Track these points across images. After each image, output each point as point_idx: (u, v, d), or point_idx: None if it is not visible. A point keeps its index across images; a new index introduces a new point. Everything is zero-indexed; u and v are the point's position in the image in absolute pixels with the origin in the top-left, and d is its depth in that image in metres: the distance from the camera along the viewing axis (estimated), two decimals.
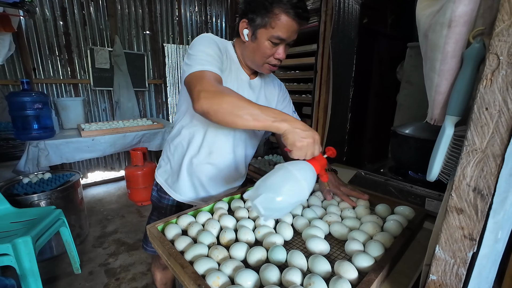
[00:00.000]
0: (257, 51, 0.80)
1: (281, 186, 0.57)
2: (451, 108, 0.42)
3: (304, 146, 0.62)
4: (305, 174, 0.59)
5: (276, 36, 0.75)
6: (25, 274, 1.29)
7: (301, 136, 0.62)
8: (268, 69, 0.85)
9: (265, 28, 0.75)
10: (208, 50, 0.75)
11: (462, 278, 0.42)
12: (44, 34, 2.78)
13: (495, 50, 0.35)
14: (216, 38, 0.83)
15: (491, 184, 0.38)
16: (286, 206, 0.59)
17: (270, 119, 0.63)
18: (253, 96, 0.92)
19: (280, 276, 0.56)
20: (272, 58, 0.81)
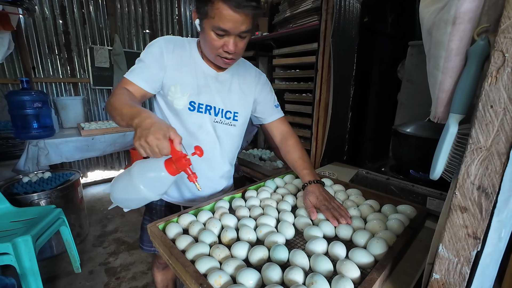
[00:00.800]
0: (206, 42, 0.77)
1: (118, 182, 0.68)
2: (455, 106, 0.42)
3: (141, 145, 0.59)
4: (143, 172, 0.64)
5: (217, 27, 0.70)
6: (25, 273, 1.28)
7: (139, 134, 0.59)
8: (222, 62, 0.80)
9: (207, 18, 0.71)
10: (145, 61, 0.80)
11: (465, 277, 0.42)
12: (43, 33, 2.77)
13: (501, 47, 0.35)
14: (170, 39, 0.83)
15: (495, 182, 0.37)
16: (129, 200, 0.68)
17: (129, 117, 0.64)
18: (224, 89, 0.89)
19: (282, 275, 0.56)
20: (221, 50, 0.76)
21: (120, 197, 0.68)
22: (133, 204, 0.70)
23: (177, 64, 0.83)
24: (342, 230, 0.71)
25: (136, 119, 0.61)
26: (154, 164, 0.64)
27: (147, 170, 0.64)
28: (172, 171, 0.63)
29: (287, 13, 2.29)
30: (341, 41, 1.47)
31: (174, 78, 0.83)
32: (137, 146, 0.59)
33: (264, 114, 0.99)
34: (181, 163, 0.61)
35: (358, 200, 0.88)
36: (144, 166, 0.64)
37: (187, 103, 0.85)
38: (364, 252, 0.61)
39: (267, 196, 0.90)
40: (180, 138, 0.61)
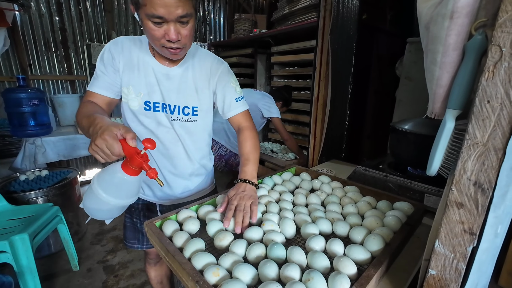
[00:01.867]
0: (147, 35, 0.73)
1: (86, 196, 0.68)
2: (452, 101, 0.42)
3: (93, 150, 0.59)
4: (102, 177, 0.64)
5: (151, 15, 0.65)
6: (23, 271, 1.28)
7: (91, 140, 0.60)
8: (168, 53, 0.75)
9: (140, 8, 0.67)
10: (97, 71, 0.83)
11: (461, 272, 0.42)
12: (39, 30, 2.74)
13: (498, 42, 0.34)
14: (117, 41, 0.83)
15: (492, 178, 0.37)
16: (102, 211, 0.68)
17: (86, 128, 0.66)
18: (177, 85, 0.86)
19: (279, 272, 0.55)
20: (164, 40, 0.71)
21: (93, 210, 0.68)
22: (109, 214, 0.69)
23: (127, 65, 0.82)
24: (339, 227, 0.71)
25: (90, 128, 0.62)
26: (112, 169, 0.62)
27: (107, 177, 0.63)
28: (131, 172, 0.61)
29: (286, 10, 2.28)
30: (339, 38, 1.46)
31: (126, 79, 0.83)
32: (91, 151, 0.59)
33: (222, 108, 0.93)
34: (135, 160, 0.59)
35: (356, 197, 0.88)
36: (103, 174, 0.64)
37: (142, 103, 0.85)
38: (361, 249, 0.61)
39: (265, 193, 0.89)
40: (133, 134, 0.59)
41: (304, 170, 1.11)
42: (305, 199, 0.88)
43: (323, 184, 0.97)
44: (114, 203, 0.63)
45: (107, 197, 0.62)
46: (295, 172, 1.13)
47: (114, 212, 0.69)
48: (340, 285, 0.50)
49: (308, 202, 0.87)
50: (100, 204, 0.65)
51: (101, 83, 0.82)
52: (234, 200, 0.75)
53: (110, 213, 0.69)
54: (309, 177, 1.06)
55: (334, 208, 0.81)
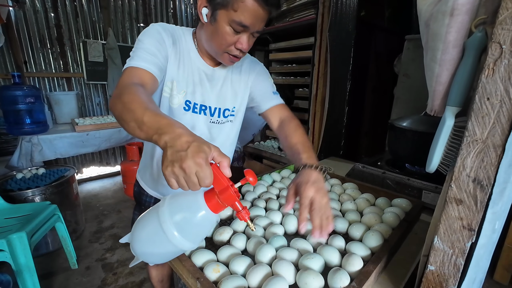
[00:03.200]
0: (215, 36, 0.69)
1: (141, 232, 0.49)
2: (452, 98, 0.42)
3: (174, 172, 0.41)
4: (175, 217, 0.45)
5: (238, 22, 0.64)
6: (21, 270, 1.27)
7: (171, 158, 0.42)
8: (229, 60, 0.73)
9: (226, 10, 0.63)
10: (147, 46, 0.68)
11: (460, 268, 0.42)
12: (35, 26, 2.70)
13: (498, 39, 0.35)
14: (166, 27, 0.74)
15: (491, 174, 0.38)
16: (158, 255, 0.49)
17: (153, 130, 0.47)
18: (220, 86, 0.83)
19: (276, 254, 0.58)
20: (233, 48, 0.69)
21: (146, 251, 0.49)
22: (164, 258, 0.51)
23: (176, 57, 0.76)
24: (338, 223, 0.72)
25: (165, 136, 0.44)
26: (190, 201, 0.46)
27: (183, 211, 0.46)
28: (216, 208, 0.45)
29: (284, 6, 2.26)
30: (338, 36, 1.46)
31: (172, 72, 0.75)
32: (168, 174, 0.42)
33: (260, 101, 0.90)
34: (228, 195, 0.44)
35: (354, 194, 0.88)
36: (176, 206, 0.46)
37: (182, 102, 0.79)
38: (360, 245, 0.61)
39: (264, 190, 0.90)
40: (229, 160, 0.45)
41: None
42: None
43: None
44: (184, 246, 0.46)
45: (180, 238, 0.45)
46: (294, 169, 1.14)
47: (171, 255, 0.51)
48: (340, 281, 0.50)
49: None
50: (161, 245, 0.46)
51: (154, 60, 0.67)
52: (308, 191, 0.57)
53: (166, 256, 0.51)
54: None
55: (333, 205, 0.81)
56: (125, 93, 0.55)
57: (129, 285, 1.64)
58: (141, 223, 0.49)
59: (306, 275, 0.50)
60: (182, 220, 0.45)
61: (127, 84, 0.59)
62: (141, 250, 0.49)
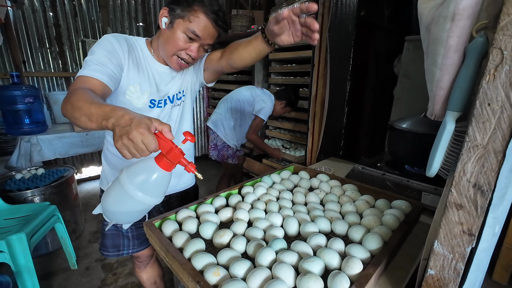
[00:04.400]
0: (170, 40, 0.79)
1: (111, 195, 0.57)
2: (453, 103, 0.42)
3: (124, 144, 0.49)
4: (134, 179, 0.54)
5: (192, 30, 0.77)
6: (20, 271, 1.27)
7: (119, 133, 0.50)
8: (177, 63, 0.83)
9: (182, 19, 0.77)
10: (97, 56, 0.74)
11: (460, 272, 0.42)
12: (33, 26, 2.69)
13: (499, 45, 0.34)
14: (119, 37, 0.82)
15: (491, 180, 0.38)
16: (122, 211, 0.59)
17: (100, 118, 0.54)
18: (178, 77, 0.93)
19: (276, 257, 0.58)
20: (183, 52, 0.81)
21: (116, 213, 0.59)
22: (133, 217, 0.62)
23: (133, 63, 0.83)
24: (338, 226, 0.72)
25: (112, 119, 0.52)
26: (144, 165, 0.55)
27: (139, 174, 0.55)
28: (167, 166, 0.55)
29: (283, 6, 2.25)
30: (337, 36, 1.45)
31: (132, 77, 0.83)
32: (120, 147, 0.50)
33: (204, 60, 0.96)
34: (174, 154, 0.54)
35: (354, 196, 0.88)
36: (133, 170, 0.56)
37: (147, 101, 0.87)
38: (360, 248, 0.61)
39: (263, 192, 0.90)
40: (169, 126, 0.54)
41: (303, 169, 1.11)
42: (304, 198, 0.88)
43: (321, 182, 0.97)
44: (148, 202, 0.56)
45: (143, 195, 0.54)
46: (293, 170, 1.14)
47: (139, 214, 0.61)
48: (340, 285, 0.50)
49: (307, 201, 0.88)
50: (130, 205, 0.57)
51: (104, 70, 0.73)
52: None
53: (136, 215, 0.61)
54: (308, 175, 1.06)
55: (332, 207, 0.82)
56: (72, 95, 0.62)
57: (128, 285, 1.64)
58: (108, 192, 0.58)
59: (306, 280, 0.50)
60: (141, 181, 0.55)
61: (75, 88, 0.66)
62: (113, 214, 0.60)
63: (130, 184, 0.54)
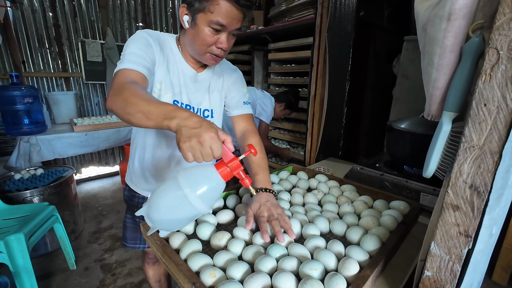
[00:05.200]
0: (197, 38, 0.75)
1: (160, 197, 0.54)
2: (449, 103, 0.42)
3: (192, 147, 0.49)
4: (194, 185, 0.51)
5: (216, 21, 0.70)
6: (19, 271, 1.27)
7: (187, 134, 0.50)
8: (211, 59, 0.79)
9: (203, 13, 0.70)
10: (134, 50, 0.72)
11: (457, 274, 0.42)
12: (33, 26, 2.69)
13: (495, 45, 0.34)
14: (151, 33, 0.79)
15: (487, 181, 0.37)
16: (175, 219, 0.55)
17: (162, 116, 0.53)
18: (202, 88, 0.89)
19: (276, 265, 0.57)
20: (214, 47, 0.76)
21: (165, 218, 0.55)
22: (181, 224, 0.58)
23: (164, 60, 0.81)
24: (336, 226, 0.72)
25: (176, 119, 0.51)
26: (204, 171, 0.53)
27: (200, 179, 0.53)
28: (226, 176, 0.53)
29: (283, 6, 2.25)
30: (336, 36, 1.45)
31: (161, 74, 0.81)
32: (186, 148, 0.49)
33: (231, 107, 0.96)
34: (235, 165, 0.53)
35: (352, 196, 0.88)
36: (192, 175, 0.53)
37: (171, 101, 0.84)
38: (358, 249, 0.61)
39: None
40: (230, 136, 0.54)
41: (301, 169, 1.11)
42: (302, 199, 0.88)
43: (320, 183, 0.97)
44: (202, 210, 0.53)
45: (200, 203, 0.51)
46: (292, 171, 1.13)
47: (188, 220, 0.58)
48: (337, 286, 0.50)
49: (305, 202, 0.87)
50: (182, 210, 0.53)
51: (143, 62, 0.71)
52: (263, 212, 0.70)
53: (184, 222, 0.58)
54: (306, 176, 1.06)
55: (331, 208, 0.81)
56: (124, 90, 0.60)
57: (127, 286, 1.64)
58: (160, 192, 0.54)
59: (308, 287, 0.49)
60: (200, 186, 0.52)
61: (123, 83, 0.63)
62: (159, 217, 0.54)
63: (190, 189, 0.51)
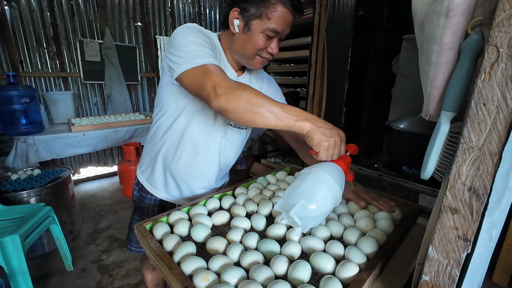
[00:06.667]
0: (248, 44, 0.74)
1: (315, 192, 0.55)
2: (447, 103, 0.40)
3: (331, 146, 0.58)
4: (336, 177, 0.57)
5: (272, 29, 0.71)
6: (14, 273, 1.26)
7: (327, 135, 0.58)
8: (260, 63, 0.80)
9: (260, 19, 0.70)
10: (199, 41, 0.70)
11: (455, 279, 0.41)
12: (30, 26, 2.68)
13: (495, 42, 0.33)
14: (201, 28, 0.77)
15: (487, 183, 0.36)
16: (322, 213, 0.56)
17: (293, 117, 0.60)
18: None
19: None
20: (264, 52, 0.76)
21: (311, 212, 0.54)
22: (318, 219, 0.58)
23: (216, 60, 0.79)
24: (333, 227, 0.70)
25: (311, 120, 0.60)
26: (332, 167, 0.59)
27: (334, 172, 0.58)
28: (344, 170, 0.62)
29: None
30: (335, 35, 1.44)
31: None
32: (325, 147, 0.58)
33: None
34: (348, 160, 0.63)
35: None
36: (329, 171, 0.57)
37: None
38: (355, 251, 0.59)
39: (257, 192, 0.88)
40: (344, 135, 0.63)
41: (299, 170, 1.09)
42: None
43: None
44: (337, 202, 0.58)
45: (340, 193, 0.57)
46: (289, 171, 1.12)
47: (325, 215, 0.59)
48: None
49: None
50: (327, 203, 0.56)
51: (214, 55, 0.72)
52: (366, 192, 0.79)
53: (321, 218, 0.58)
54: None
55: None
56: (243, 89, 0.62)
57: (125, 287, 1.63)
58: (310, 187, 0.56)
59: None
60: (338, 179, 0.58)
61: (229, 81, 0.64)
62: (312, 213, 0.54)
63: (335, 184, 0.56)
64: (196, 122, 0.84)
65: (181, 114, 0.83)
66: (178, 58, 0.69)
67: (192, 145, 0.86)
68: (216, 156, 0.91)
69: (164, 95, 0.84)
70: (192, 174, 0.91)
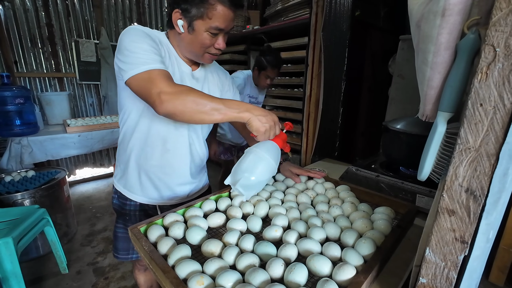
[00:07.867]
0: (195, 43, 0.77)
1: (255, 167, 0.69)
2: (444, 103, 0.40)
3: (267, 129, 0.69)
4: (271, 153, 0.71)
5: (215, 27, 0.74)
6: (7, 276, 1.24)
7: (263, 121, 0.69)
8: (209, 59, 0.83)
9: (202, 19, 0.73)
10: (143, 46, 0.71)
11: (452, 281, 0.40)
12: (25, 25, 2.65)
13: (492, 41, 0.32)
14: (146, 29, 0.77)
15: (484, 184, 0.35)
16: (262, 181, 0.72)
17: (235, 110, 0.68)
18: (198, 87, 0.89)
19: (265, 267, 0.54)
20: (212, 48, 0.79)
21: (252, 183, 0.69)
22: (259, 187, 0.74)
23: (163, 58, 0.79)
24: (329, 229, 0.70)
25: (253, 110, 0.69)
26: (269, 145, 0.73)
27: (270, 148, 0.72)
28: (281, 145, 0.76)
29: (279, 6, 2.24)
30: (332, 35, 1.44)
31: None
32: (262, 131, 0.69)
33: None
34: (284, 137, 0.78)
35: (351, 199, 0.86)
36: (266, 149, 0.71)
37: None
38: (352, 253, 0.59)
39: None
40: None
41: None
42: (295, 200, 0.86)
43: (316, 184, 0.95)
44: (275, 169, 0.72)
45: (275, 164, 0.71)
46: None
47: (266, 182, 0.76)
48: None
49: (298, 202, 0.85)
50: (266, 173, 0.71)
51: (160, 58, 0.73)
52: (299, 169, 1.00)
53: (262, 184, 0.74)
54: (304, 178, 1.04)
55: (325, 208, 0.80)
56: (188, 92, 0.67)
57: None
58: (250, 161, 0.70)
59: None
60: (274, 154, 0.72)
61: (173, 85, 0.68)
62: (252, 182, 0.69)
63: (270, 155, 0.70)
64: (159, 120, 0.84)
65: (143, 115, 0.83)
66: (124, 64, 0.70)
67: (161, 143, 0.87)
68: (186, 150, 0.92)
69: (124, 99, 0.84)
70: (166, 171, 0.91)
